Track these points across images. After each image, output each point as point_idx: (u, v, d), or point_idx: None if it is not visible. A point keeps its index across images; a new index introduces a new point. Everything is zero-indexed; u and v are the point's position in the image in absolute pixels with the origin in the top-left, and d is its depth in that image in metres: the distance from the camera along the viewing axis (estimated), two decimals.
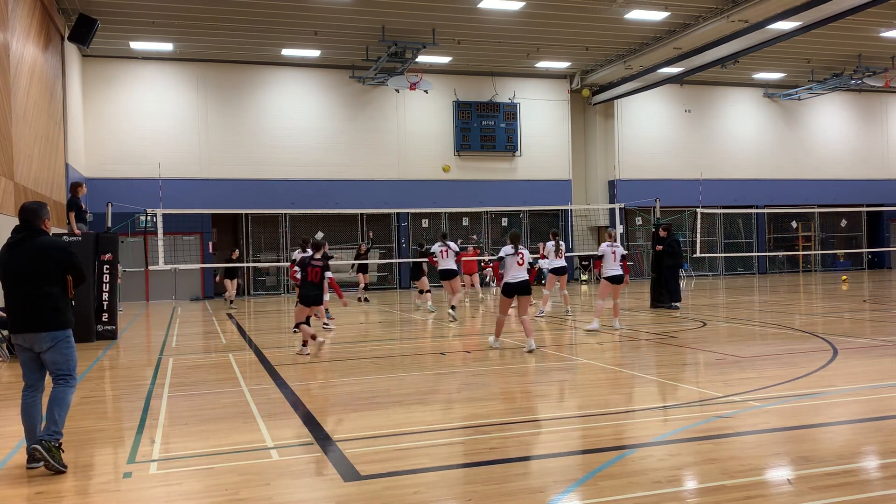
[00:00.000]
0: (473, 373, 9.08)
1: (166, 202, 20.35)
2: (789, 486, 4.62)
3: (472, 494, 4.60)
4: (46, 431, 5.36)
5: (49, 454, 5.24)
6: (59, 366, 5.51)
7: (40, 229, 5.58)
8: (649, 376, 8.46)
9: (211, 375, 9.47)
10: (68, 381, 5.55)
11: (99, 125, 24.31)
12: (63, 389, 5.50)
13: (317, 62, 26.03)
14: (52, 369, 5.52)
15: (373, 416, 6.90)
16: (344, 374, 9.33)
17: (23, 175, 15.02)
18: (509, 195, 28.08)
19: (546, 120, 29.09)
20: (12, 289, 5.51)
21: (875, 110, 34.03)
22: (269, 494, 4.71)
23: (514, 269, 10.56)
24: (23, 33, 15.65)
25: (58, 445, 5.34)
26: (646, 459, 5.23)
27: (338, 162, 26.61)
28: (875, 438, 5.69)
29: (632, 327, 13.28)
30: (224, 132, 25.60)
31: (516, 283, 10.59)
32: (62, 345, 5.50)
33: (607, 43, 24.89)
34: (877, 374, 8.23)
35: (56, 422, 5.40)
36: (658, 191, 23.53)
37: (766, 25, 20.87)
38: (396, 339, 12.78)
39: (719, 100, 31.68)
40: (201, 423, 6.70)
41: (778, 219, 32.62)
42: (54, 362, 5.50)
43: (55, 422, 5.39)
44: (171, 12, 20.52)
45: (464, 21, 22.05)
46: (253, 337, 13.53)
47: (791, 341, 10.99)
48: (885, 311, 15.57)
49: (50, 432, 5.35)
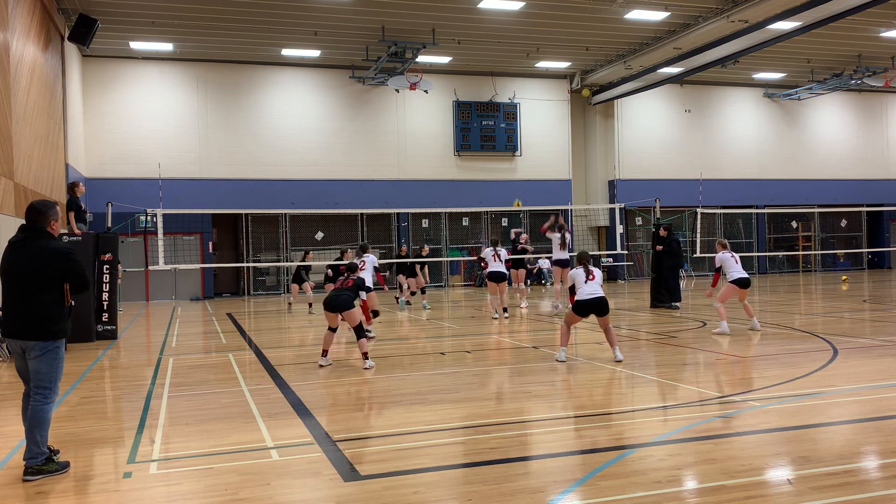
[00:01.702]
0: (473, 373, 9.08)
1: (166, 202, 20.36)
2: (789, 486, 4.62)
3: (472, 494, 4.60)
4: (30, 454, 5.20)
5: (42, 474, 5.17)
6: (41, 377, 5.28)
7: (44, 231, 5.38)
8: (649, 376, 8.46)
9: (211, 375, 9.47)
10: (46, 395, 5.29)
11: (99, 125, 24.31)
12: (42, 407, 5.26)
13: (317, 62, 26.03)
14: (33, 378, 5.31)
15: (373, 416, 6.90)
16: (344, 374, 9.33)
17: (23, 175, 15.02)
18: (509, 195, 28.08)
19: (546, 120, 29.09)
20: (8, 290, 5.36)
21: (875, 110, 34.03)
22: (269, 494, 4.71)
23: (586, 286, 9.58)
24: (23, 33, 15.65)
25: (44, 462, 5.22)
26: (646, 459, 5.22)
27: (338, 162, 26.62)
28: (875, 438, 5.69)
29: (632, 327, 13.29)
30: (224, 132, 25.60)
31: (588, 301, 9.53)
32: (49, 356, 5.29)
33: (607, 43, 24.89)
34: (877, 374, 8.23)
35: (38, 443, 5.22)
36: (658, 191, 23.54)
37: (766, 25, 20.87)
38: (396, 339, 12.78)
39: (719, 100, 31.68)
40: (201, 423, 6.70)
41: (778, 219, 32.62)
42: (37, 371, 5.29)
43: (37, 443, 5.21)
44: (171, 12, 20.52)
45: (464, 21, 22.05)
46: (253, 337, 13.53)
47: (791, 341, 10.99)
48: (885, 311, 15.57)
49: (33, 455, 5.20)
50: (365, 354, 9.56)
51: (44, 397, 5.30)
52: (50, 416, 5.35)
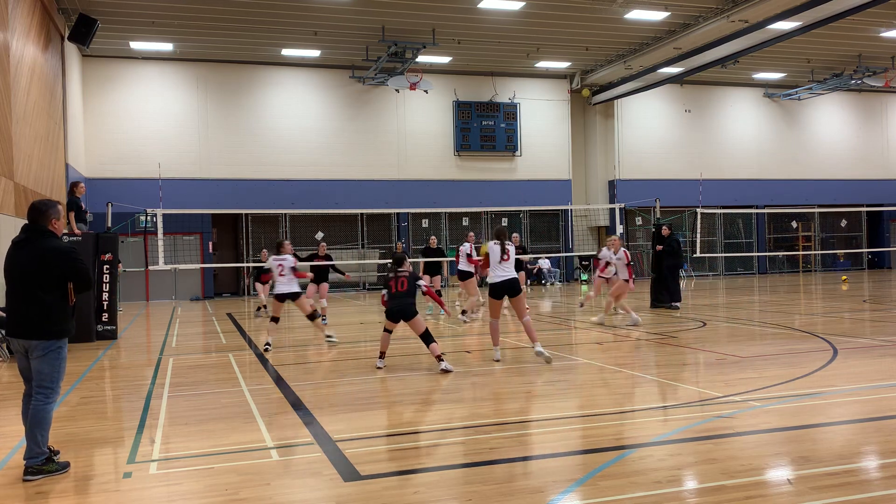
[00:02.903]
0: (473, 373, 9.08)
1: (166, 202, 20.35)
2: (789, 486, 4.62)
3: (472, 494, 4.60)
4: (30, 455, 5.19)
5: (42, 474, 5.18)
6: (43, 377, 5.28)
7: (46, 230, 5.37)
8: (649, 376, 8.46)
9: (211, 375, 9.46)
10: (48, 395, 5.28)
11: (99, 125, 24.32)
12: (43, 407, 5.25)
13: (317, 62, 26.03)
14: (35, 378, 5.31)
15: (373, 416, 6.90)
16: (344, 374, 9.33)
17: (23, 175, 15.03)
18: (509, 195, 28.09)
19: (546, 120, 29.09)
20: (11, 290, 5.38)
21: (875, 110, 34.03)
22: (269, 494, 4.71)
23: (498, 268, 9.60)
24: (23, 33, 15.65)
25: (44, 462, 5.22)
26: (646, 459, 5.22)
27: (338, 162, 26.63)
28: (875, 438, 5.69)
29: (632, 327, 13.27)
30: (224, 132, 25.61)
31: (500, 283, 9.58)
32: (52, 355, 5.28)
33: (607, 43, 24.89)
34: (877, 374, 8.23)
35: (39, 443, 5.21)
36: (658, 191, 23.53)
37: (766, 25, 20.88)
38: (396, 338, 12.76)
39: (719, 100, 31.69)
40: (201, 423, 6.70)
41: (778, 219, 32.62)
42: (39, 371, 5.29)
43: (38, 443, 5.21)
44: (171, 12, 20.52)
45: (464, 21, 22.05)
46: (253, 337, 13.53)
47: (791, 341, 10.98)
48: (885, 311, 15.57)
49: (33, 455, 5.19)
50: (439, 357, 9.05)
51: (45, 397, 5.29)
52: (51, 416, 5.35)
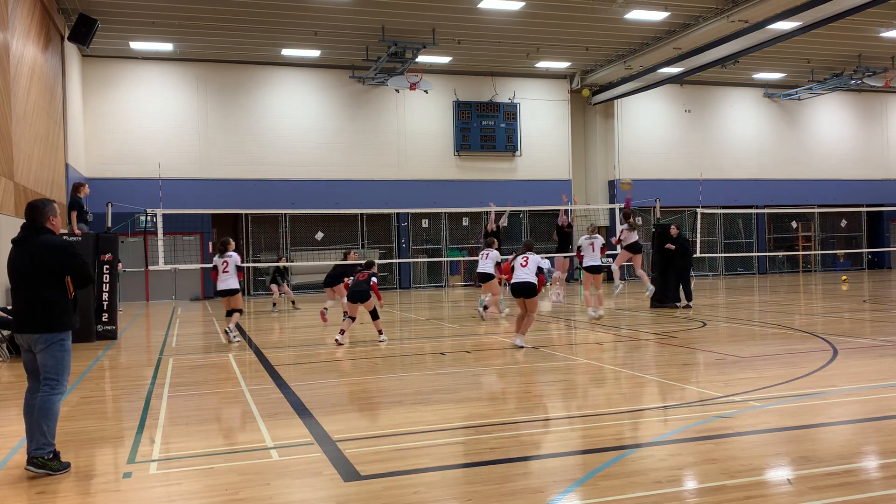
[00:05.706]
0: (473, 373, 9.08)
1: (166, 202, 20.34)
2: (789, 486, 4.62)
3: (472, 494, 4.60)
4: (37, 446, 5.22)
5: (45, 469, 5.19)
6: (48, 369, 5.33)
7: (44, 227, 5.46)
8: (649, 376, 8.46)
9: (211, 375, 9.47)
10: (54, 386, 5.34)
11: (99, 125, 24.32)
12: (49, 398, 5.30)
13: (317, 62, 26.03)
14: (41, 371, 5.38)
15: (373, 416, 6.90)
16: (344, 374, 9.33)
17: (23, 175, 15.03)
18: (509, 195, 28.02)
19: (546, 120, 29.09)
20: (15, 288, 5.48)
21: (875, 110, 34.03)
22: (269, 494, 4.71)
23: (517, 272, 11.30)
24: (23, 33, 15.65)
25: (51, 457, 5.24)
26: (646, 459, 5.22)
27: (338, 162, 26.62)
28: (875, 438, 5.69)
29: (632, 327, 13.28)
30: (224, 132, 25.61)
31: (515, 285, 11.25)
32: (55, 347, 5.35)
33: (607, 43, 24.89)
34: (877, 374, 8.23)
35: (45, 434, 5.24)
36: (658, 191, 23.54)
37: (766, 25, 20.88)
38: (396, 339, 12.77)
39: (719, 100, 31.68)
40: (201, 423, 6.70)
41: (778, 219, 32.62)
42: (44, 364, 5.35)
43: (44, 434, 5.24)
44: (171, 12, 20.53)
45: (464, 21, 22.06)
46: (253, 337, 13.53)
47: (791, 341, 10.98)
48: (885, 311, 15.57)
49: (40, 445, 5.22)
50: (380, 331, 12.17)
51: (51, 388, 5.35)
52: (58, 409, 5.39)
